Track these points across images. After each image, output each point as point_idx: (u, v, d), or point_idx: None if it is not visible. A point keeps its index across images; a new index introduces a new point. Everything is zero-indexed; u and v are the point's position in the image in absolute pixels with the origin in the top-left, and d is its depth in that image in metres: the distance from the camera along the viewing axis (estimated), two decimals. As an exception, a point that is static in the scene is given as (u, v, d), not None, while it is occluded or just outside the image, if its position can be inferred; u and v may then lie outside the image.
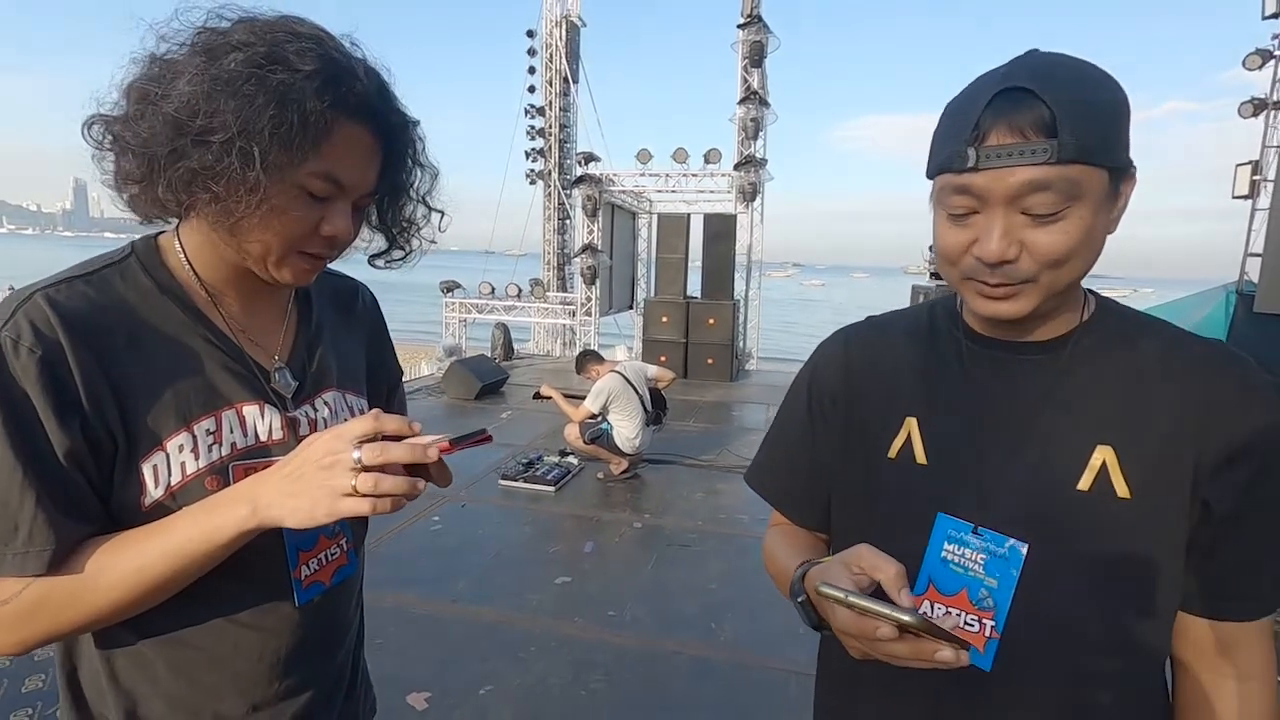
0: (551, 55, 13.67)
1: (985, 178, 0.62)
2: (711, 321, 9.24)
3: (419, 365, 10.60)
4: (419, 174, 0.79)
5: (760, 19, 9.87)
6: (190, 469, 0.69)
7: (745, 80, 10.13)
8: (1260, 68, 8.98)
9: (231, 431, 0.72)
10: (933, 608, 0.71)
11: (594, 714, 2.38)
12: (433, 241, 0.86)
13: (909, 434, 0.75)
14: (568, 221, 14.16)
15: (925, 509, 0.72)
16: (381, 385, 0.95)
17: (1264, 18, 8.87)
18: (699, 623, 3.01)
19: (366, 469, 0.61)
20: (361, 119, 0.68)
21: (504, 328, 11.17)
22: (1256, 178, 9.08)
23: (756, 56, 9.92)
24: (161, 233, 0.76)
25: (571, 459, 5.15)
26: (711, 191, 10.90)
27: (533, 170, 14.47)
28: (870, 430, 0.78)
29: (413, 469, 0.66)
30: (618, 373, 4.89)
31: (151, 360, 0.69)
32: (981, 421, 0.72)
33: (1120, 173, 0.63)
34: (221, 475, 0.71)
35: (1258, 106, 9.00)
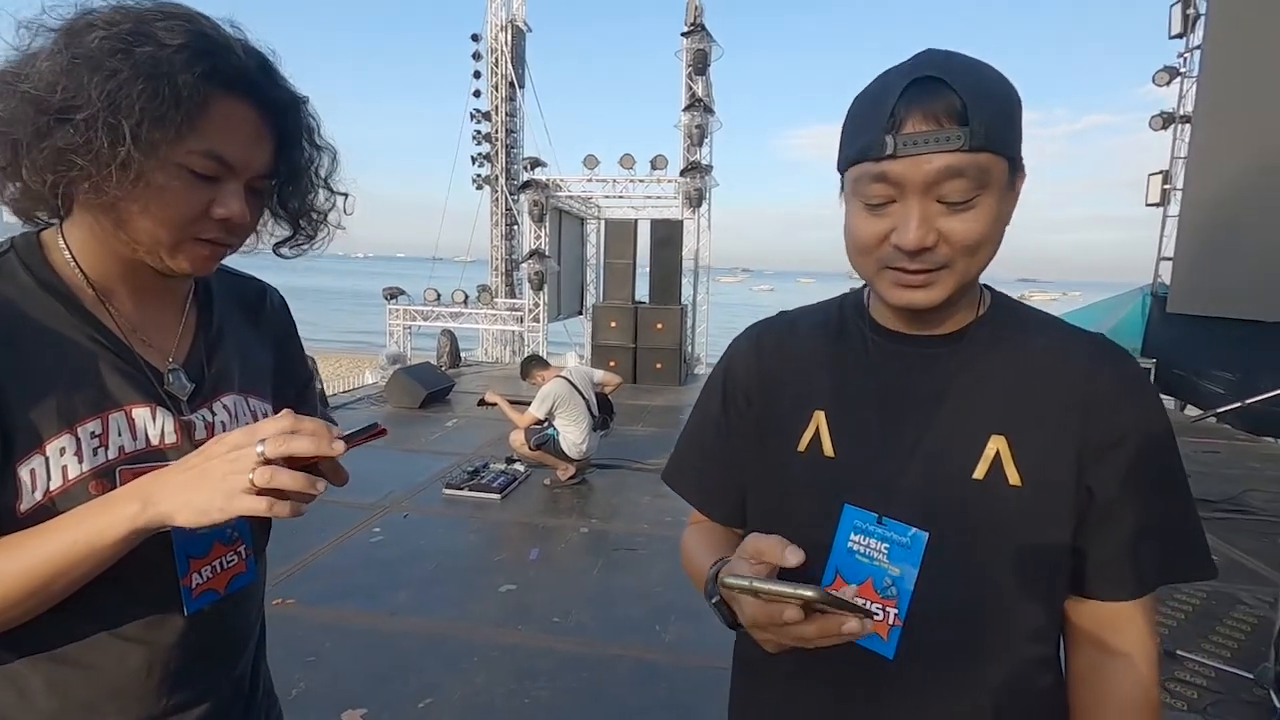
0: (497, 60, 13.54)
1: (903, 165, 0.62)
2: (659, 326, 9.29)
3: (363, 374, 10.31)
4: (317, 156, 0.77)
5: (704, 28, 9.99)
6: (73, 473, 0.66)
7: (690, 88, 10.23)
8: (1168, 84, 9.58)
9: (119, 435, 0.69)
10: (844, 596, 0.72)
11: (536, 722, 2.35)
12: (340, 227, 0.84)
13: (817, 427, 0.76)
14: (515, 227, 14.01)
15: (833, 501, 0.74)
16: (289, 389, 0.92)
17: (1170, 37, 9.48)
18: (644, 626, 3.01)
19: (268, 462, 0.60)
20: (241, 94, 0.66)
21: (450, 335, 10.98)
22: (1167, 186, 9.67)
23: (700, 64, 10.04)
24: (44, 229, 0.72)
25: (518, 466, 5.09)
26: (658, 197, 10.96)
27: (479, 175, 14.28)
28: (781, 424, 0.79)
29: (311, 470, 0.64)
30: (563, 378, 4.87)
31: (30, 359, 0.65)
32: (885, 414, 0.73)
33: (1016, 165, 0.66)
34: (107, 479, 0.67)
35: (1166, 120, 9.60)
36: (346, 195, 0.82)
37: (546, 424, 4.84)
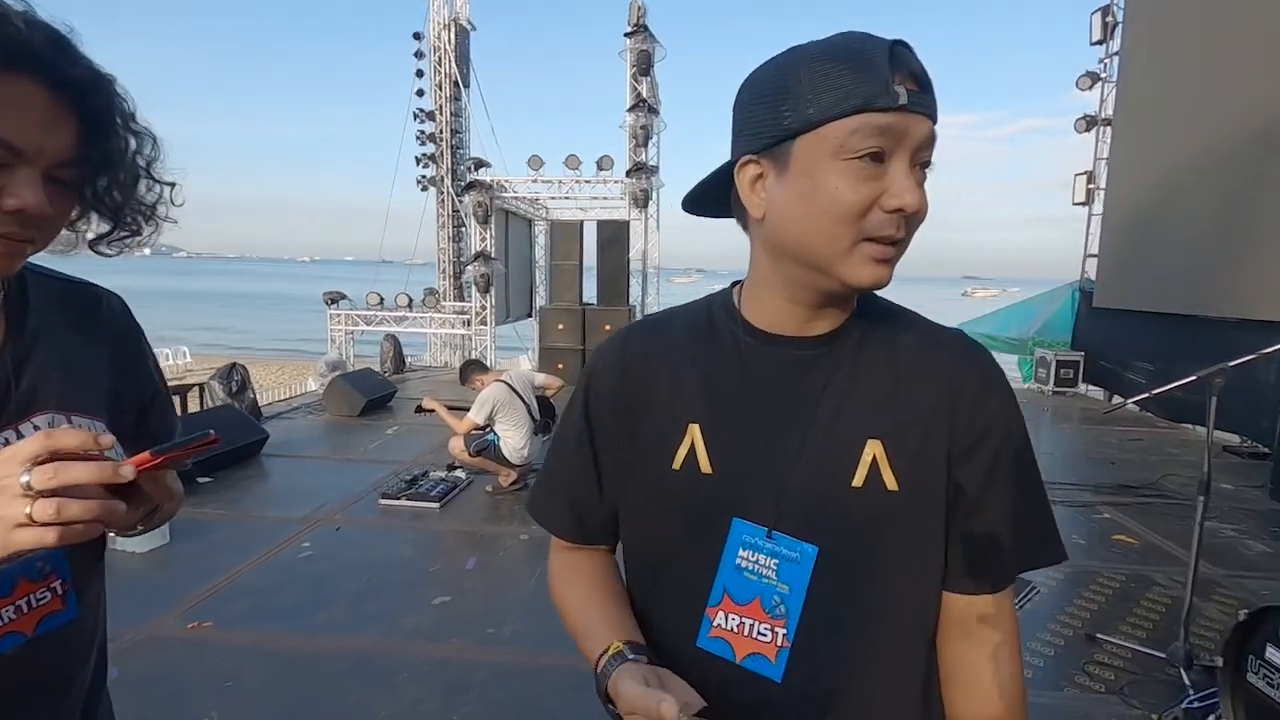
0: (440, 59, 13.28)
1: (911, 120, 0.59)
2: (608, 328, 9.24)
3: (305, 382, 9.97)
4: (134, 141, 0.70)
5: (647, 29, 10.01)
6: None
7: (634, 88, 10.23)
8: (1090, 88, 10.03)
9: None
10: (727, 618, 0.69)
11: (464, 739, 2.28)
12: (169, 220, 0.77)
13: (692, 441, 0.72)
14: (463, 229, 13.78)
15: (717, 517, 0.70)
16: (129, 405, 0.84)
17: (1091, 43, 9.92)
18: (581, 633, 2.96)
19: (42, 494, 0.53)
20: (27, 71, 0.59)
21: (394, 339, 10.72)
22: (1091, 186, 10.11)
23: (644, 65, 10.04)
24: None
25: (459, 473, 4.98)
26: (605, 198, 10.93)
27: (424, 176, 13.98)
28: (652, 439, 0.74)
29: (120, 488, 0.58)
30: (503, 381, 4.78)
31: None
32: (764, 422, 0.70)
33: None
34: None
35: (1089, 122, 10.04)
36: (173, 185, 0.75)
37: (487, 429, 4.75)
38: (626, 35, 10.08)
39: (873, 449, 0.67)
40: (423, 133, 13.69)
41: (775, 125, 0.62)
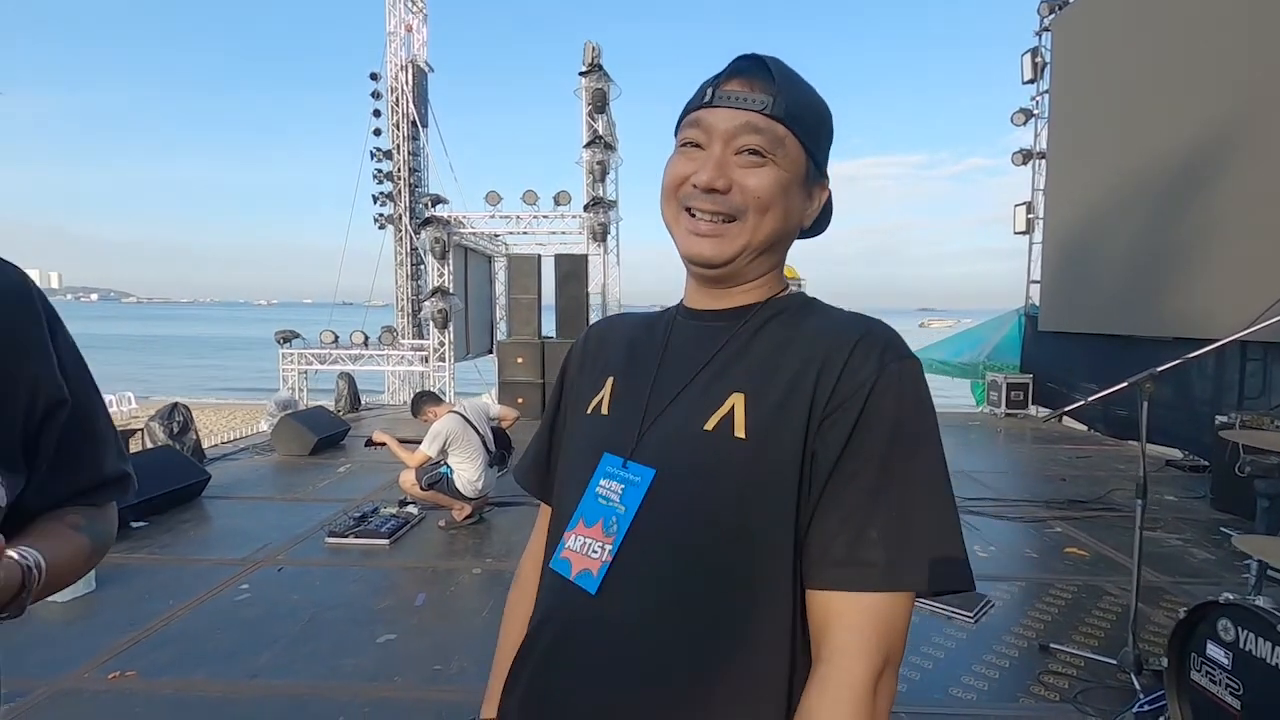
0: (398, 99, 13.36)
1: (716, 114, 0.72)
2: (568, 360, 9.20)
3: (258, 424, 9.63)
4: None
5: (601, 68, 10.23)
6: None
7: (590, 125, 10.40)
8: (1025, 123, 10.55)
9: None
10: (575, 539, 0.75)
11: (402, 782, 2.15)
12: None
13: (606, 391, 0.81)
14: (421, 267, 13.69)
15: (595, 452, 0.77)
16: (12, 412, 0.68)
17: (1023, 82, 10.47)
18: (533, 666, 2.85)
19: None
20: None
21: (349, 378, 10.49)
22: (1030, 216, 10.56)
23: (600, 103, 10.24)
24: None
25: (411, 508, 4.82)
26: (564, 233, 11.00)
27: (381, 215, 13.91)
28: (583, 394, 0.84)
29: None
30: (457, 413, 4.69)
31: None
32: (658, 376, 0.78)
33: (818, 170, 0.76)
34: None
35: (1025, 156, 10.54)
36: None
37: (439, 462, 4.63)
38: (581, 74, 10.29)
39: (733, 400, 0.71)
40: (380, 171, 13.68)
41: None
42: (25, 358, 0.69)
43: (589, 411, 0.81)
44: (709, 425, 0.70)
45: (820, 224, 0.80)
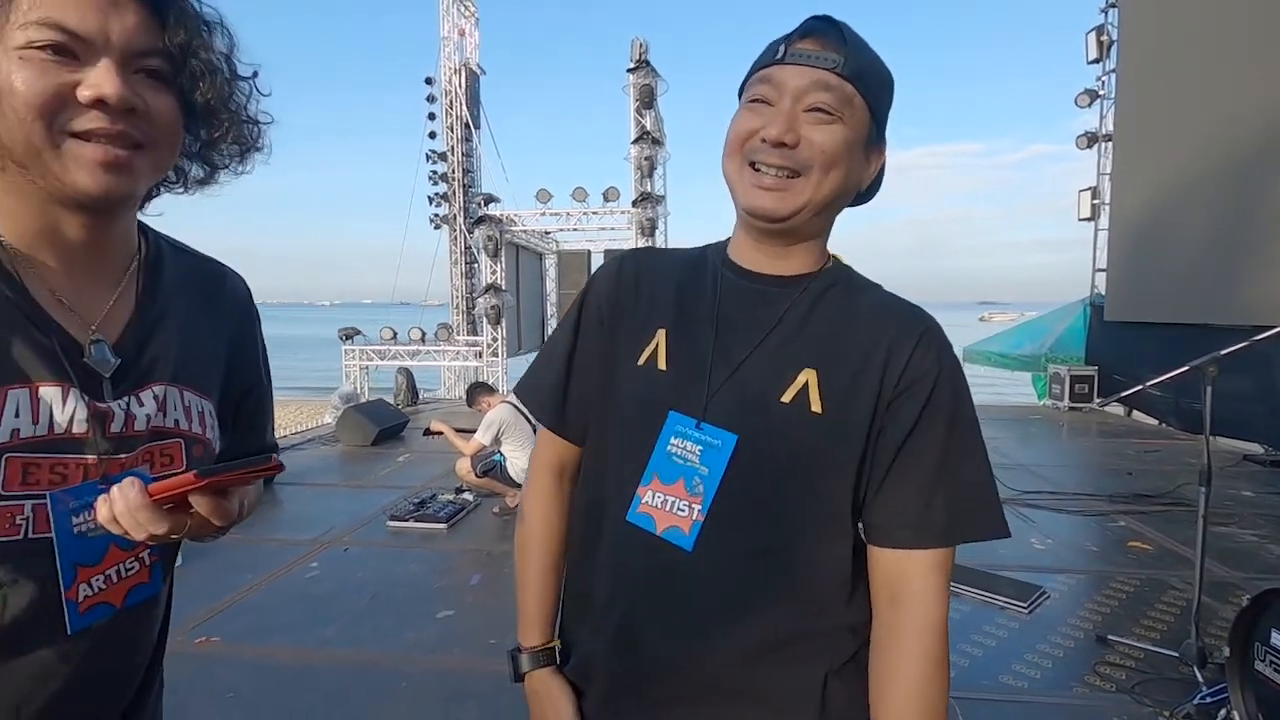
0: (452, 102, 13.72)
1: (787, 71, 0.73)
2: (617, 354, 9.32)
3: (322, 418, 10.10)
4: (203, 25, 0.65)
5: (649, 64, 10.29)
6: None
7: (638, 121, 10.49)
8: (1089, 105, 10.11)
9: (17, 415, 0.59)
10: (654, 496, 0.78)
11: (461, 743, 2.28)
12: (270, 120, 0.73)
13: (658, 343, 0.82)
14: (474, 265, 14.05)
15: (658, 408, 0.79)
16: (235, 390, 0.81)
17: (1088, 62, 10.04)
18: (583, 643, 2.95)
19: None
20: None
21: (407, 372, 10.86)
22: (1096, 201, 10.12)
23: (647, 99, 10.31)
24: None
25: (467, 496, 5.01)
26: (612, 229, 11.12)
27: (437, 215, 14.33)
28: (627, 339, 0.84)
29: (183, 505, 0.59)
30: (509, 403, 4.83)
31: None
32: (719, 337, 0.79)
33: (879, 134, 0.78)
34: None
35: (1091, 139, 10.10)
36: (255, 74, 0.71)
37: (493, 450, 4.79)
38: (629, 71, 10.37)
39: (806, 375, 0.75)
40: (435, 173, 14.08)
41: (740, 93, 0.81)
42: (248, 351, 0.84)
43: (641, 363, 0.82)
44: (786, 398, 0.75)
45: (872, 190, 0.83)
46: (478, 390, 5.06)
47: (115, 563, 0.67)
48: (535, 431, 5.05)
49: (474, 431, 4.76)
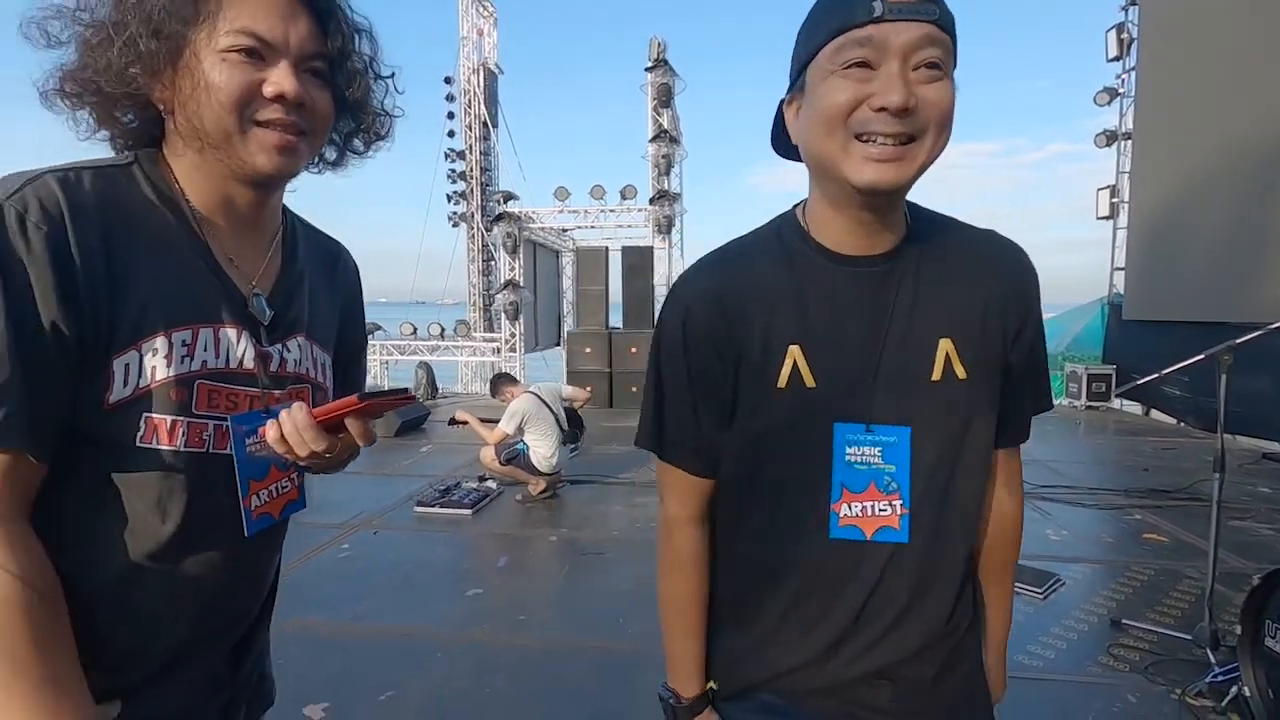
0: (470, 101, 13.89)
1: (889, 28, 0.65)
2: (634, 350, 9.40)
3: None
4: (356, 35, 0.77)
5: (666, 63, 10.38)
6: (160, 375, 0.68)
7: (656, 119, 10.57)
8: (1109, 103, 10.07)
9: (205, 349, 0.72)
10: (850, 507, 0.79)
11: (495, 708, 2.38)
12: (398, 111, 0.85)
13: (794, 361, 0.78)
14: (492, 263, 14.22)
15: (822, 425, 0.79)
16: (345, 349, 0.95)
17: (1108, 60, 10.00)
18: (607, 621, 3.05)
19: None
20: None
21: (427, 367, 11.02)
22: (1115, 200, 10.07)
23: (665, 98, 10.40)
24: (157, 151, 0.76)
25: (490, 484, 5.12)
26: (629, 226, 11.21)
27: (455, 213, 14.51)
28: (754, 364, 0.80)
29: (328, 428, 0.71)
30: (531, 393, 4.95)
31: (145, 262, 0.68)
32: (850, 335, 0.78)
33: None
34: (186, 388, 0.70)
35: (1110, 137, 10.06)
36: (393, 74, 0.83)
37: (516, 439, 4.90)
38: (647, 70, 10.47)
39: (944, 347, 0.78)
40: (454, 171, 14.27)
41: (795, 65, 0.75)
42: (355, 317, 0.98)
43: (782, 385, 0.78)
44: (935, 376, 0.78)
45: None
46: (502, 381, 5.17)
47: (275, 480, 0.80)
48: (557, 421, 5.15)
49: (498, 421, 4.88)
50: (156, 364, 0.68)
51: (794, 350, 0.78)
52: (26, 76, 0.72)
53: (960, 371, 0.78)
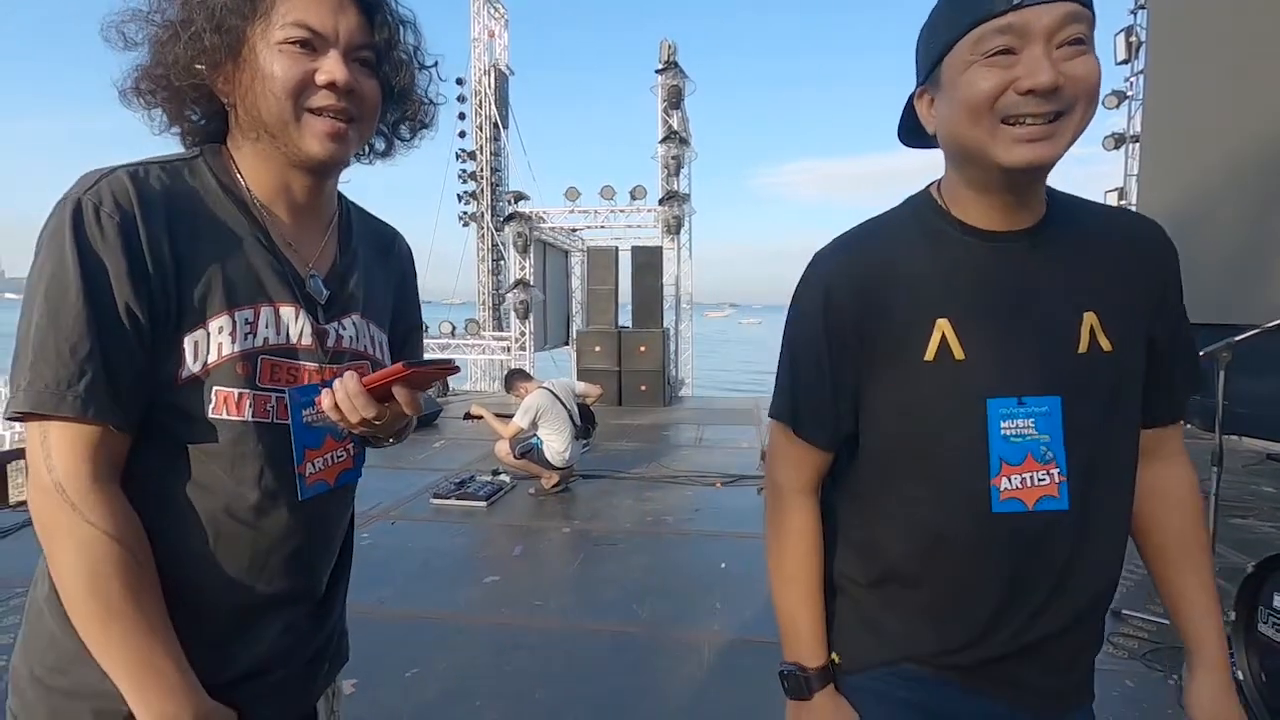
0: (481, 102, 14.03)
1: (1030, 13, 0.68)
2: (642, 349, 9.51)
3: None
4: (401, 27, 0.82)
5: (677, 65, 10.48)
6: (226, 351, 0.74)
7: (666, 121, 10.68)
8: (1117, 106, 10.12)
9: (266, 326, 0.77)
10: (1011, 480, 0.80)
11: (516, 684, 2.49)
12: (442, 98, 0.90)
13: (943, 334, 0.79)
14: (502, 263, 14.36)
15: (972, 398, 0.79)
16: (400, 328, 1.00)
17: (1116, 63, 10.05)
18: (621, 606, 3.15)
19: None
20: None
21: (438, 365, 11.16)
22: (1123, 203, 10.12)
23: (675, 99, 10.50)
24: (222, 144, 0.82)
25: (504, 477, 5.23)
26: (639, 226, 11.32)
27: (465, 213, 14.65)
28: (897, 339, 0.81)
29: (379, 397, 0.77)
30: (545, 389, 5.06)
31: (209, 247, 0.75)
32: (998, 309, 0.79)
33: None
34: (250, 363, 0.76)
35: (1118, 140, 10.11)
36: (436, 64, 0.88)
37: (531, 434, 5.01)
38: (658, 72, 10.57)
39: (1089, 320, 0.80)
40: (464, 171, 14.42)
41: (927, 58, 0.78)
42: (410, 297, 1.03)
43: (930, 358, 0.79)
44: (1082, 349, 0.79)
45: None
46: (516, 376, 5.28)
47: (330, 450, 0.85)
48: (570, 416, 5.26)
49: (512, 416, 4.99)
50: (222, 341, 0.74)
51: (942, 324, 0.79)
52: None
53: (1105, 344, 0.79)
